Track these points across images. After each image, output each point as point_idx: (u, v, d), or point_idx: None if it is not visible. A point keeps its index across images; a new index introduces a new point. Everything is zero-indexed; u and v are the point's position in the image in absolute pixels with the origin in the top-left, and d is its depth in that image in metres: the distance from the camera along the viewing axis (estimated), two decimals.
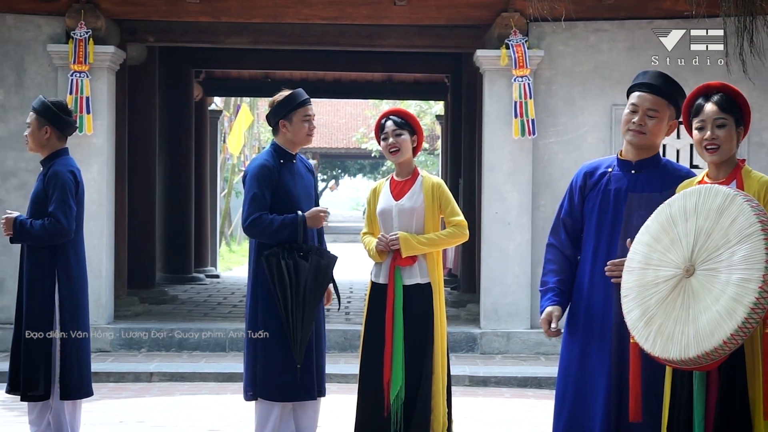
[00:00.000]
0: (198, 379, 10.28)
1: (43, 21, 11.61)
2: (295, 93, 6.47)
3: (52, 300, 6.65)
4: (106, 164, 11.57)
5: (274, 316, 6.27)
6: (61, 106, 6.84)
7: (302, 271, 6.24)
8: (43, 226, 6.59)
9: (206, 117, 20.33)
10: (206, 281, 18.51)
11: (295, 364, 6.25)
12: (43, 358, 6.59)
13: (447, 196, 6.40)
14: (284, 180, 6.40)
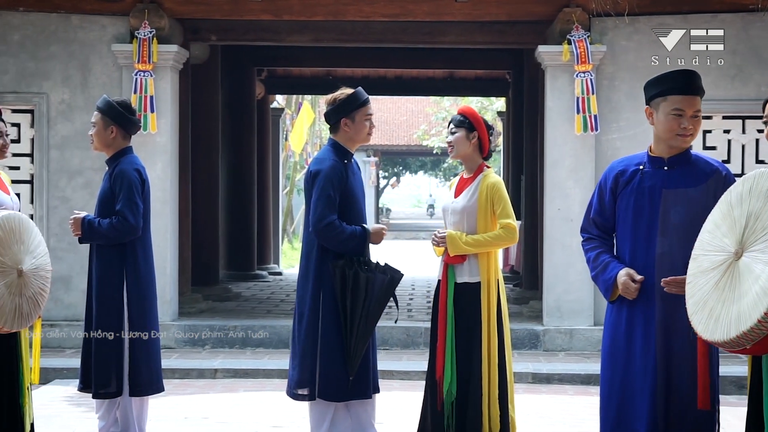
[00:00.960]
0: (261, 376, 10.34)
1: (108, 21, 11.74)
2: (357, 92, 6.47)
3: (120, 298, 6.71)
4: (170, 162, 11.68)
5: (335, 317, 6.27)
6: (126, 106, 6.91)
7: (378, 284, 6.23)
8: (111, 225, 6.65)
9: (268, 115, 20.43)
10: (269, 278, 18.60)
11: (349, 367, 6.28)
12: (114, 355, 6.66)
13: (500, 197, 6.34)
14: (349, 180, 6.40)
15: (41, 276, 5.96)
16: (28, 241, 5.88)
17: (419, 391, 9.34)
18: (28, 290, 5.86)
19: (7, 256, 5.76)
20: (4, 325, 5.81)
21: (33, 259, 5.89)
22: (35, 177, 11.66)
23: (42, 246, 5.99)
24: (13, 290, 5.78)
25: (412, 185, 77.93)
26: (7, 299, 5.77)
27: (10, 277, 5.77)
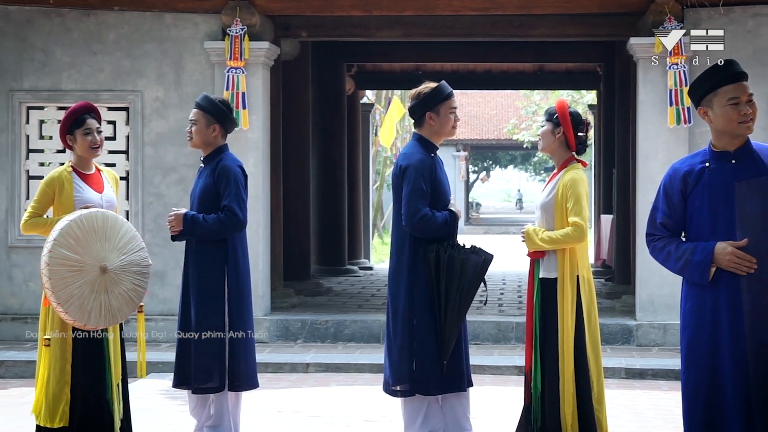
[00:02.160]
0: (353, 370, 10.38)
1: (200, 19, 11.87)
2: (441, 85, 6.48)
3: (222, 294, 6.76)
4: (261, 159, 11.78)
5: (429, 310, 6.29)
6: (227, 104, 7.02)
7: (471, 265, 6.26)
8: (219, 219, 6.70)
9: (358, 110, 20.49)
10: (359, 273, 18.67)
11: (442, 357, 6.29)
12: (217, 351, 6.69)
13: (574, 193, 6.25)
14: (437, 173, 6.44)
15: (134, 272, 6.03)
16: (113, 238, 5.96)
17: (511, 386, 9.35)
18: (117, 287, 5.94)
19: (87, 255, 5.86)
20: (87, 322, 5.91)
21: (122, 255, 5.96)
22: (130, 174, 11.84)
23: (134, 242, 6.06)
24: (96, 288, 5.88)
25: (501, 179, 77.62)
26: (90, 297, 5.88)
27: (92, 275, 5.87)
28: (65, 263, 5.86)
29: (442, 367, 6.28)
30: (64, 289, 5.86)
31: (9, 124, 11.89)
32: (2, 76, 11.92)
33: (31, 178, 11.88)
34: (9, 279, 11.85)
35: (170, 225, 6.77)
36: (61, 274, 5.84)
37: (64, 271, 5.85)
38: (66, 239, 5.88)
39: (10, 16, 11.95)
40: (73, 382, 6.18)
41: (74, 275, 5.87)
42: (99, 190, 6.43)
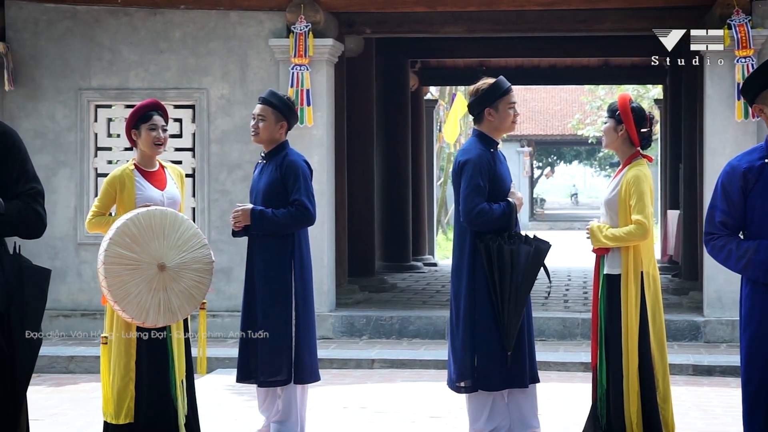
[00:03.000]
0: (418, 366, 10.38)
1: (265, 16, 11.93)
2: (499, 81, 6.47)
3: (289, 287, 6.82)
4: (326, 155, 11.82)
5: (489, 304, 6.28)
6: (292, 102, 7.08)
7: (523, 255, 6.25)
8: (290, 214, 6.74)
9: (422, 106, 20.48)
10: (424, 269, 18.66)
11: (505, 351, 6.27)
12: (285, 344, 6.76)
13: (637, 190, 6.19)
14: (497, 168, 6.43)
15: (195, 269, 6.06)
16: (172, 236, 5.99)
17: (577, 383, 9.30)
18: (177, 284, 5.98)
19: (144, 253, 5.90)
20: (145, 320, 5.96)
21: (181, 253, 5.99)
22: (196, 171, 11.94)
23: (195, 239, 6.08)
24: (155, 285, 5.92)
25: (566, 175, 77.15)
26: (147, 295, 5.92)
27: (149, 272, 5.91)
28: (121, 261, 5.89)
29: (506, 362, 6.26)
30: (121, 287, 5.89)
31: (78, 122, 12.05)
32: (71, 75, 12.08)
33: (99, 176, 12.02)
34: (78, 275, 12.01)
35: (236, 220, 6.82)
36: (118, 272, 5.88)
37: (120, 269, 5.89)
38: (122, 237, 5.92)
39: (78, 16, 12.11)
40: (137, 378, 6.23)
41: (131, 273, 5.90)
42: (161, 188, 6.47)
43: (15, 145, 4.49)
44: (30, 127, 12.07)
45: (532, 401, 6.48)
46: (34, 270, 4.50)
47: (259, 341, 6.79)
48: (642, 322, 6.21)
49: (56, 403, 8.83)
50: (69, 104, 12.07)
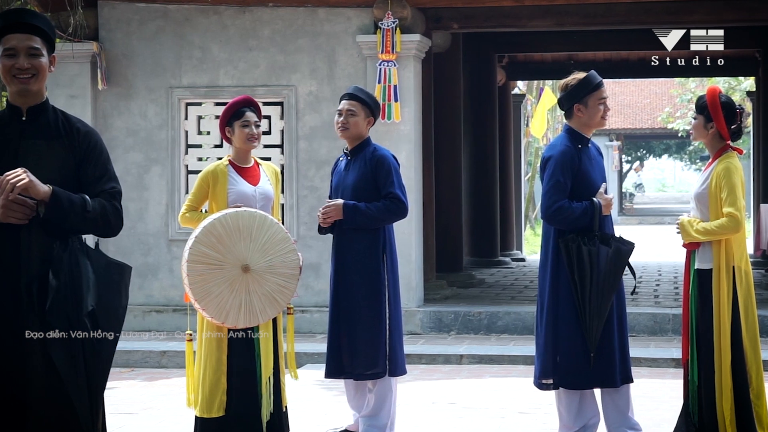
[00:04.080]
0: (506, 362, 10.35)
1: (353, 13, 11.98)
2: (589, 75, 6.39)
3: (382, 280, 6.86)
4: (413, 151, 11.83)
5: (571, 302, 6.22)
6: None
7: (602, 257, 6.16)
8: (385, 207, 6.78)
9: (509, 101, 20.39)
10: (512, 265, 18.59)
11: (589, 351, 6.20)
12: (381, 336, 6.80)
13: (728, 183, 6.09)
14: (583, 165, 6.34)
15: (281, 273, 6.06)
16: (259, 239, 6.00)
17: (668, 379, 9.20)
18: (260, 287, 5.99)
19: (229, 253, 5.93)
20: (225, 320, 6.00)
21: (267, 256, 6.00)
22: (285, 167, 12.03)
23: (284, 244, 6.07)
24: (236, 287, 5.95)
25: (655, 169, 76.25)
26: (228, 296, 5.94)
27: (232, 273, 5.94)
28: (205, 260, 5.92)
29: (589, 361, 6.19)
30: (202, 286, 5.92)
31: (169, 120, 12.22)
32: (162, 73, 12.25)
33: (190, 173, 12.17)
34: (170, 271, 12.17)
35: (326, 216, 6.85)
36: (200, 270, 5.91)
37: (203, 268, 5.91)
38: (207, 237, 5.96)
39: (169, 15, 12.27)
40: (228, 373, 6.29)
41: (213, 273, 5.93)
42: (254, 183, 6.52)
43: (98, 145, 4.56)
44: (122, 125, 12.27)
45: (626, 401, 6.37)
46: (118, 266, 4.56)
47: (349, 335, 6.82)
48: (734, 317, 6.12)
49: (150, 397, 8.97)
50: (160, 102, 12.25)
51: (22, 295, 4.34)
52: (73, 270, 4.38)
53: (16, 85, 4.47)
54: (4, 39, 4.46)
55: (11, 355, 4.36)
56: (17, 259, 4.38)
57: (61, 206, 4.35)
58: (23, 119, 4.51)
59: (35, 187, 4.29)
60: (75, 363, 4.35)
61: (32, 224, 4.38)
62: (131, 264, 4.74)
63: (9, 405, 4.35)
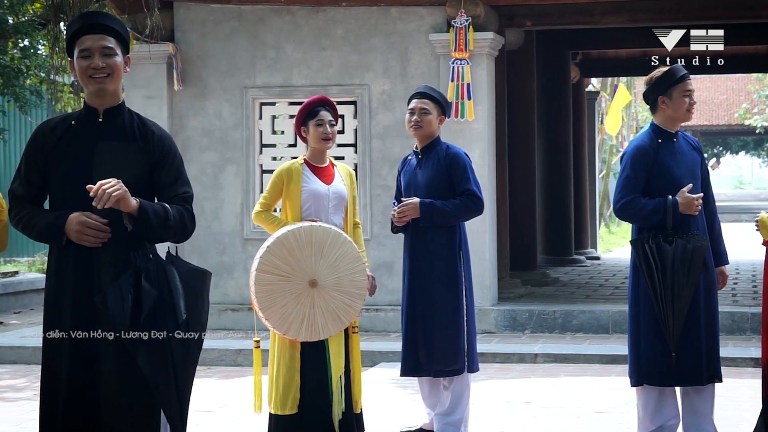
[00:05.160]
0: (581, 361, 10.28)
1: (425, 11, 11.98)
2: (673, 68, 6.31)
3: (459, 278, 6.87)
4: (487, 149, 11.81)
5: (650, 300, 6.16)
6: None
7: (666, 255, 6.03)
8: (462, 203, 6.80)
9: (583, 98, 20.27)
10: (587, 263, 18.47)
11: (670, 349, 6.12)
12: (460, 333, 6.82)
13: None
14: (663, 160, 6.21)
15: (347, 292, 6.07)
16: (330, 255, 6.02)
17: (746, 379, 9.07)
18: (325, 303, 6.01)
19: (299, 267, 5.96)
20: (286, 332, 6.03)
21: (336, 273, 6.02)
22: (359, 166, 12.06)
23: (355, 264, 6.06)
24: (301, 300, 5.97)
25: (732, 166, 75.28)
26: (293, 308, 5.97)
27: (299, 286, 5.97)
28: (273, 271, 5.95)
29: (670, 358, 6.11)
30: (268, 296, 5.96)
31: (243, 119, 12.31)
32: (236, 73, 12.35)
33: (264, 172, 12.25)
34: (245, 270, 12.25)
35: (402, 215, 6.84)
36: (268, 281, 5.95)
37: (271, 279, 5.95)
38: (279, 248, 5.99)
39: (243, 16, 12.37)
40: (301, 370, 6.32)
41: (281, 284, 5.96)
42: (327, 182, 6.54)
43: (172, 149, 4.60)
44: (198, 125, 12.39)
45: (708, 402, 6.26)
46: (200, 272, 4.60)
47: (428, 332, 6.82)
48: None
49: (226, 395, 9.05)
50: (235, 102, 12.34)
51: (96, 306, 4.38)
52: (161, 278, 4.43)
53: (92, 85, 4.52)
54: (79, 41, 4.53)
55: (85, 366, 4.42)
56: (90, 272, 4.44)
57: (148, 220, 4.40)
58: (99, 120, 4.56)
59: (127, 200, 4.33)
60: (166, 368, 4.40)
61: None
62: (207, 263, 4.79)
63: (84, 416, 4.42)
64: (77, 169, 4.47)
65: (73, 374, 4.41)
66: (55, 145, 4.53)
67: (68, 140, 4.53)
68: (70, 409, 4.42)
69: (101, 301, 4.33)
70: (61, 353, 4.45)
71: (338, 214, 6.56)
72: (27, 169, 4.58)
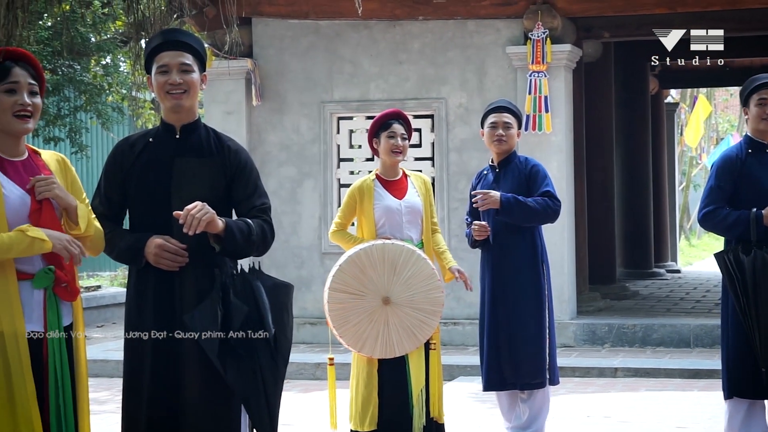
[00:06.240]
0: (662, 375, 10.17)
1: (502, 24, 11.96)
2: (752, 78, 6.25)
3: (543, 291, 6.88)
4: (565, 161, 11.74)
5: (737, 311, 6.06)
6: None
7: (744, 266, 5.91)
8: (544, 201, 6.79)
9: (662, 110, 20.10)
10: (667, 276, 18.29)
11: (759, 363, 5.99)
12: (544, 345, 6.81)
13: None
14: (751, 170, 6.10)
15: (422, 309, 6.07)
16: (404, 273, 6.02)
17: None
18: (400, 320, 6.01)
19: (371, 284, 5.97)
20: (360, 349, 6.05)
21: (410, 290, 6.02)
22: (436, 180, 12.06)
23: (430, 280, 6.05)
24: (375, 318, 5.99)
25: None
26: (367, 325, 5.99)
27: (372, 304, 5.98)
28: (346, 289, 5.99)
29: (759, 372, 6.00)
30: (342, 314, 5.99)
31: (321, 134, 12.38)
32: (314, 88, 12.42)
33: (342, 186, 12.30)
34: (323, 284, 12.15)
35: (483, 202, 6.75)
36: (341, 299, 5.99)
37: (344, 297, 5.99)
38: (351, 266, 6.01)
39: (320, 31, 12.44)
40: (380, 387, 6.32)
41: (354, 302, 5.99)
42: (399, 197, 6.51)
43: (248, 162, 4.64)
44: (276, 140, 12.48)
45: None
46: (285, 286, 4.62)
47: (514, 346, 6.80)
48: None
49: (305, 409, 9.08)
50: (312, 117, 12.42)
51: (180, 324, 4.42)
52: (248, 293, 4.46)
53: (169, 101, 4.57)
54: (158, 57, 4.58)
55: (167, 372, 4.47)
56: (171, 290, 4.49)
57: (234, 239, 4.43)
58: (177, 137, 4.61)
59: (215, 222, 4.36)
60: (256, 383, 4.42)
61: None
62: (285, 277, 4.82)
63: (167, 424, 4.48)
64: (156, 185, 4.53)
65: (155, 381, 4.47)
66: (133, 162, 4.59)
67: (146, 157, 4.58)
68: (152, 416, 4.47)
69: (190, 319, 4.37)
70: (143, 361, 4.50)
71: (413, 228, 6.53)
72: (107, 186, 4.64)
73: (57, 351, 4.10)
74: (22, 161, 4.23)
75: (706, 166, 28.58)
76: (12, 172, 4.16)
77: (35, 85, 4.23)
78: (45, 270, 4.13)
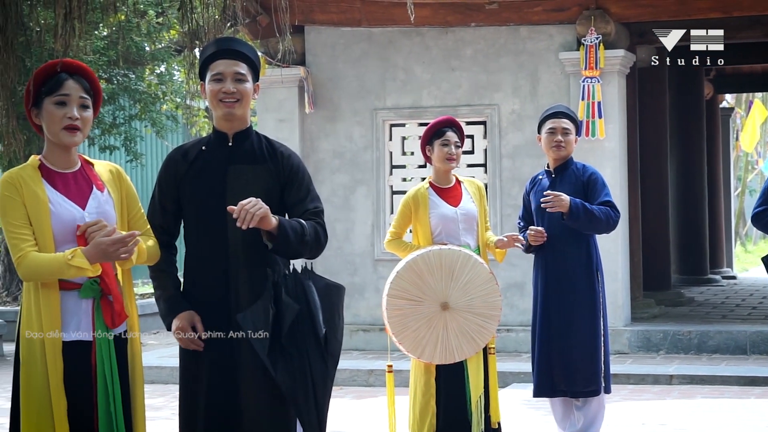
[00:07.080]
0: (719, 383, 10.07)
1: (555, 30, 11.92)
2: None
3: (598, 297, 6.85)
4: (619, 167, 11.67)
5: None
6: None
7: None
8: (607, 211, 6.76)
9: (717, 115, 19.91)
10: (722, 282, 18.12)
11: None
12: (600, 353, 6.79)
13: None
14: None
15: (480, 314, 6.07)
16: (462, 278, 6.02)
17: None
18: (459, 326, 6.01)
19: (429, 290, 5.98)
20: (420, 355, 6.05)
21: (467, 295, 6.03)
22: (488, 186, 12.03)
23: (487, 285, 6.05)
24: (434, 323, 6.00)
25: None
26: (426, 331, 6.00)
27: (431, 309, 5.99)
28: (404, 295, 6.01)
29: None
30: (401, 321, 6.01)
31: (374, 141, 12.40)
32: (366, 95, 12.45)
33: (394, 194, 12.31)
34: (376, 291, 12.32)
35: (552, 203, 6.68)
36: (400, 306, 6.01)
37: (402, 303, 6.01)
38: (409, 273, 6.04)
39: (373, 38, 12.47)
40: (437, 395, 6.32)
41: (412, 308, 6.01)
42: (454, 204, 6.51)
43: (300, 167, 4.66)
44: (329, 147, 12.52)
45: None
46: (336, 287, 4.63)
47: (567, 353, 6.77)
48: None
49: (359, 416, 9.10)
50: (365, 124, 12.45)
51: (234, 325, 4.44)
52: (300, 292, 4.48)
53: (221, 109, 4.60)
54: (212, 65, 4.61)
55: (224, 376, 4.50)
56: (227, 292, 4.52)
57: (287, 236, 4.43)
58: (229, 144, 4.64)
59: (268, 218, 4.36)
60: (305, 383, 4.43)
61: (239, 256, 4.51)
62: None
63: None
64: (210, 193, 4.56)
65: (212, 383, 4.50)
66: (187, 170, 4.62)
67: (200, 165, 4.62)
68: (210, 418, 4.50)
69: (242, 318, 4.39)
70: (199, 363, 4.54)
71: (470, 234, 6.54)
72: (161, 196, 4.68)
73: (106, 357, 4.13)
74: (73, 173, 4.26)
75: (762, 171, 28.32)
76: (61, 185, 4.19)
77: (87, 99, 4.25)
78: (90, 282, 4.16)
